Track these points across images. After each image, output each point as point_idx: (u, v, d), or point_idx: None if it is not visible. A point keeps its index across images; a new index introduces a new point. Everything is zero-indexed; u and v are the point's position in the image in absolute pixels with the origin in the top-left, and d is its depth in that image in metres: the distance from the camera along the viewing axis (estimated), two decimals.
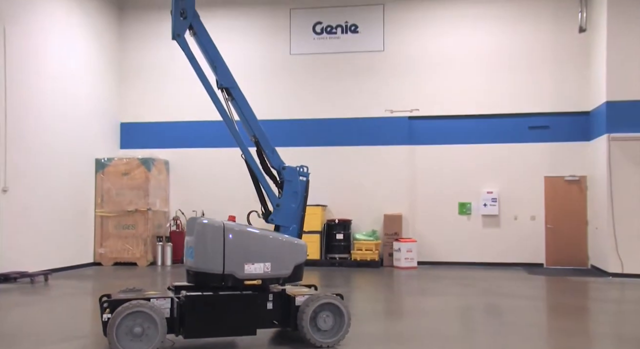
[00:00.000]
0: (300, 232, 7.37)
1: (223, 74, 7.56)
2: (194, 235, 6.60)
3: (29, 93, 12.55)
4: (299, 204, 7.47)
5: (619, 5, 12.45)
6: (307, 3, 15.39)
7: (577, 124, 14.09)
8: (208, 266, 6.43)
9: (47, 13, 13.22)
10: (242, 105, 7.62)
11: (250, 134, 7.62)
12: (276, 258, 6.76)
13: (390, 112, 15.00)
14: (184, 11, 7.52)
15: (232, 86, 7.57)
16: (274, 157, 7.59)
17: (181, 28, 7.52)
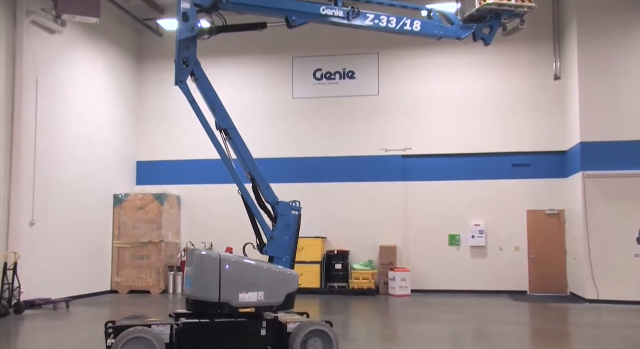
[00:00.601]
0: (292, 262, 7.73)
1: (221, 116, 8.19)
2: (193, 265, 6.91)
3: (56, 135, 13.76)
4: (291, 236, 7.84)
5: (588, 56, 13.63)
6: (308, 52, 16.70)
7: (555, 162, 15.20)
8: (205, 294, 6.72)
9: (74, 63, 14.54)
10: (239, 144, 8.19)
11: (246, 171, 8.15)
12: (269, 287, 7.02)
13: (384, 151, 16.15)
14: (186, 59, 8.20)
15: (230, 127, 8.15)
16: (268, 192, 8.12)
17: (183, 75, 8.17)
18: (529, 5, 8.88)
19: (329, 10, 8.82)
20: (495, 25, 9.09)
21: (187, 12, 8.26)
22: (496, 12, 8.93)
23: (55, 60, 13.80)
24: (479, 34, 9.19)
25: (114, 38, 16.20)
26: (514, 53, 15.63)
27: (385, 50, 16.25)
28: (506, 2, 8.75)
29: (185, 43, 8.27)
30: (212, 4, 8.47)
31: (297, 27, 8.84)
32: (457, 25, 9.15)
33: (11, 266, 11.80)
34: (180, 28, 8.20)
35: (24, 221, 12.54)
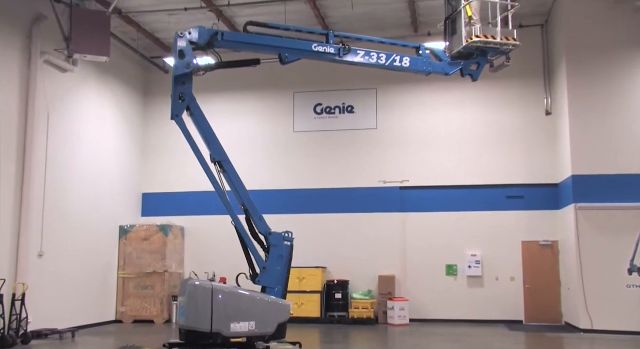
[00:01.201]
0: (284, 292, 7.97)
1: (216, 149, 8.58)
2: (185, 295, 7.13)
3: (65, 168, 14.24)
4: (283, 266, 8.11)
5: (577, 92, 14.09)
6: (308, 87, 17.27)
7: (547, 195, 15.60)
8: (197, 324, 6.92)
9: (83, 100, 15.10)
10: (233, 177, 8.56)
11: (240, 202, 8.50)
12: (261, 317, 7.24)
13: (383, 182, 16.59)
14: (182, 95, 8.66)
15: (224, 160, 8.52)
16: (261, 223, 8.44)
17: (179, 109, 8.62)
18: (514, 43, 9.39)
19: (321, 47, 9.34)
20: (482, 62, 9.57)
21: (183, 49, 8.76)
22: (482, 50, 9.40)
23: (66, 97, 14.37)
24: (467, 70, 9.66)
25: (122, 75, 16.81)
26: (507, 89, 16.17)
27: (383, 85, 16.79)
28: (492, 40, 9.25)
29: (182, 79, 8.72)
30: (207, 41, 8.99)
31: (290, 63, 9.33)
32: (445, 61, 9.65)
33: (19, 297, 12.14)
34: (176, 65, 8.67)
35: (33, 252, 12.94)
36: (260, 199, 16.61)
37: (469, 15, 9.32)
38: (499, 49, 9.39)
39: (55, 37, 13.27)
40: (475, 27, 9.21)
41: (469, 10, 9.35)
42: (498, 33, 9.23)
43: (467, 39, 9.19)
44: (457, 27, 9.51)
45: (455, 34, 9.55)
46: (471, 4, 9.36)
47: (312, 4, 14.87)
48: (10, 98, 12.58)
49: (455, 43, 9.56)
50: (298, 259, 15.88)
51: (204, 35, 8.97)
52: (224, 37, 9.05)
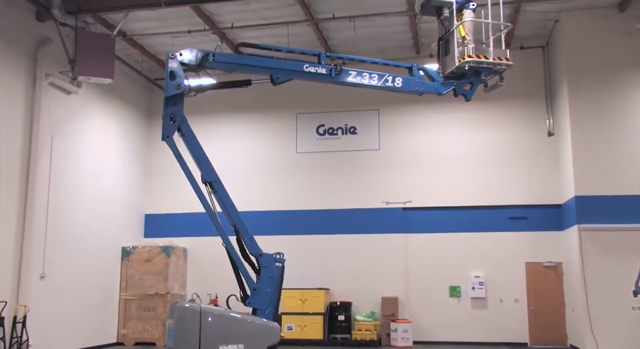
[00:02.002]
0: (275, 314, 7.90)
1: (207, 170, 8.58)
2: (175, 318, 7.09)
3: (68, 190, 14.27)
4: (274, 288, 8.06)
5: (579, 113, 14.15)
6: (311, 108, 17.36)
7: (551, 216, 15.55)
8: (185, 347, 6.87)
9: (88, 121, 15.19)
10: (224, 197, 8.54)
11: (231, 223, 8.50)
12: (250, 340, 7.18)
13: (385, 203, 16.58)
14: (173, 116, 8.72)
15: (215, 180, 8.52)
16: (252, 244, 8.40)
17: (170, 130, 8.67)
18: (507, 63, 9.40)
19: (312, 68, 9.38)
20: (476, 82, 9.57)
21: (174, 70, 8.85)
22: (476, 70, 9.41)
23: (70, 119, 14.46)
24: (460, 90, 9.67)
25: (126, 97, 16.92)
26: (509, 110, 16.23)
27: (386, 107, 16.87)
28: (484, 60, 9.25)
29: (173, 100, 8.79)
30: (198, 63, 9.06)
31: (282, 84, 9.37)
32: (438, 81, 9.66)
33: (20, 319, 12.09)
34: (167, 86, 8.73)
35: (35, 274, 12.91)
36: (264, 220, 16.93)
37: (463, 36, 9.37)
38: (492, 69, 9.40)
39: (60, 60, 13.40)
40: (468, 48, 9.25)
41: (462, 30, 9.40)
42: (491, 53, 9.25)
43: (460, 59, 9.22)
44: (450, 47, 9.54)
45: (449, 54, 9.57)
46: (464, 24, 9.41)
47: (314, 26, 15.03)
48: (15, 120, 12.66)
49: (448, 63, 9.60)
50: (301, 280, 16.12)
51: (195, 56, 9.05)
52: (215, 58, 9.12)
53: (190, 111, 17.20)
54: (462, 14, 9.53)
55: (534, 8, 14.16)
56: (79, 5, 13.10)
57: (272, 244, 16.43)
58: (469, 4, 9.59)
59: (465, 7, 9.57)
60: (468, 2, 9.60)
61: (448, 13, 9.52)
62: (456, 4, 9.46)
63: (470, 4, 9.59)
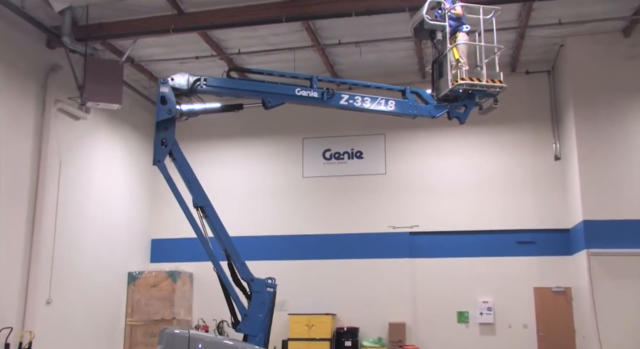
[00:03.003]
0: (267, 341, 7.84)
1: (198, 194, 8.58)
2: (163, 344, 7.07)
3: (75, 215, 14.30)
4: (266, 314, 8.00)
5: (586, 137, 14.13)
6: (318, 133, 17.42)
7: (559, 240, 15.40)
8: None
9: (95, 146, 15.29)
10: (215, 222, 8.53)
11: (222, 248, 8.54)
12: None
13: (392, 228, 16.51)
14: (164, 140, 8.80)
15: (206, 205, 8.52)
16: (243, 269, 8.34)
17: (161, 155, 8.72)
18: (501, 86, 9.40)
19: (304, 91, 9.41)
20: (470, 104, 9.55)
21: (165, 95, 8.93)
22: (469, 92, 9.42)
23: (78, 144, 14.57)
24: (454, 113, 9.65)
25: (133, 122, 17.03)
26: (515, 134, 16.23)
27: (392, 131, 16.90)
28: (478, 83, 9.23)
29: (164, 125, 8.87)
30: (190, 88, 9.14)
31: (273, 108, 9.40)
32: (432, 104, 9.66)
33: (26, 346, 12.01)
34: (158, 110, 8.81)
35: (41, 300, 12.89)
36: (270, 245, 16.93)
37: (456, 58, 9.41)
38: (486, 92, 9.41)
39: (69, 86, 13.56)
40: (462, 70, 9.28)
41: (456, 53, 9.44)
42: (484, 76, 9.27)
43: (453, 81, 9.24)
44: (443, 70, 9.57)
45: (442, 77, 9.61)
46: (458, 47, 9.45)
47: (321, 52, 15.17)
48: (24, 145, 12.77)
49: (442, 86, 9.62)
50: (307, 305, 16.05)
51: (186, 81, 9.14)
52: (206, 83, 9.21)
53: (197, 135, 17.73)
54: (456, 37, 9.58)
55: (539, 33, 14.27)
56: (89, 32, 13.30)
57: (278, 269, 16.46)
58: (462, 27, 9.65)
59: (459, 30, 9.63)
60: (461, 25, 9.67)
61: (441, 36, 9.57)
62: (449, 28, 9.53)
63: (464, 27, 9.66)
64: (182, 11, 13.18)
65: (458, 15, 9.71)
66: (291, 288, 16.14)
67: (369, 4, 12.38)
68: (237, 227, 17.28)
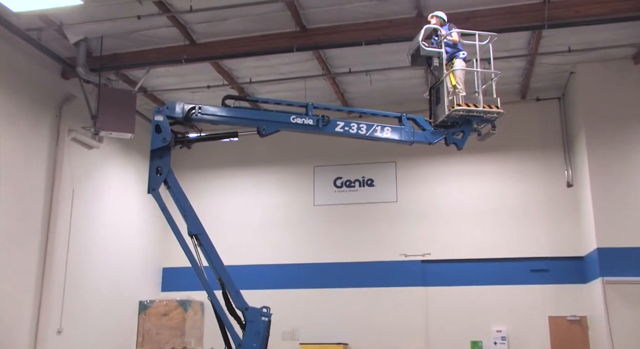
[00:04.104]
0: None
1: (192, 222, 8.64)
2: None
3: (87, 243, 14.36)
4: (260, 343, 7.95)
5: (598, 164, 14.03)
6: (328, 161, 17.44)
7: (573, 268, 15.18)
8: None
9: (108, 175, 15.43)
10: (209, 250, 8.58)
11: (217, 276, 8.62)
12: None
13: (404, 256, 16.38)
14: (159, 168, 8.89)
15: (201, 233, 8.59)
16: (237, 298, 8.37)
17: (156, 183, 8.78)
18: (498, 112, 9.35)
19: (299, 119, 9.45)
20: (467, 130, 9.53)
21: (159, 124, 9.02)
22: (467, 118, 9.39)
23: (90, 173, 14.70)
24: (451, 139, 9.62)
25: (146, 151, 16.68)
26: (526, 161, 16.16)
27: (402, 159, 16.87)
28: (474, 109, 9.18)
29: (159, 153, 8.94)
30: (184, 116, 9.21)
31: (268, 135, 9.42)
32: (429, 131, 9.65)
33: None
34: (153, 139, 8.88)
35: (52, 329, 12.87)
36: (280, 274, 16.87)
37: (453, 85, 9.41)
38: (483, 118, 9.39)
39: (82, 116, 13.74)
40: (459, 96, 9.27)
41: (453, 79, 9.44)
42: (480, 101, 9.25)
43: (450, 107, 9.23)
44: (440, 96, 9.57)
45: (439, 104, 9.61)
46: (455, 73, 9.46)
47: (331, 80, 15.30)
48: (38, 174, 12.91)
49: (439, 113, 9.61)
50: (318, 335, 15.89)
51: (181, 109, 9.22)
52: (201, 111, 9.29)
53: (208, 163, 17.86)
54: (453, 63, 9.60)
55: (549, 60, 14.32)
56: (103, 63, 13.53)
57: (289, 298, 16.51)
58: (458, 53, 9.68)
59: (456, 56, 9.66)
60: (458, 51, 9.71)
61: (438, 63, 9.61)
62: (446, 54, 9.56)
63: (460, 53, 9.69)
64: (194, 41, 13.39)
65: (454, 42, 9.76)
66: (302, 316, 16.05)
67: (379, 33, 12.53)
68: (248, 255, 17.43)
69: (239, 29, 13.01)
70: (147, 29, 12.93)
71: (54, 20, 12.33)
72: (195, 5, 11.73)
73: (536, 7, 11.87)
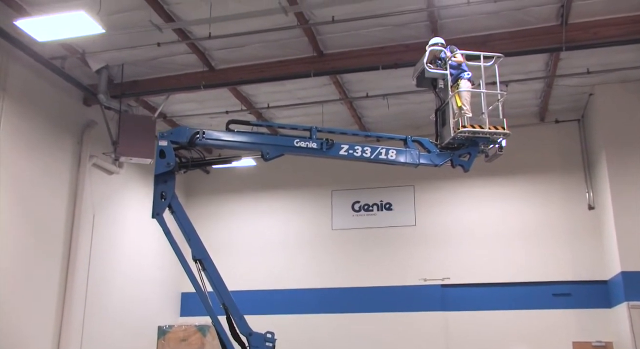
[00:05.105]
0: None
1: (196, 248, 8.58)
2: None
3: (107, 269, 14.45)
4: None
5: (620, 186, 13.85)
6: (346, 185, 17.45)
7: (597, 292, 14.90)
8: None
9: (127, 201, 15.56)
10: (213, 275, 8.50)
11: (220, 301, 8.52)
12: None
13: (424, 280, 16.23)
14: (164, 193, 8.88)
15: (205, 258, 8.53)
16: (242, 323, 8.25)
17: (161, 208, 8.79)
18: (504, 132, 9.19)
19: (303, 142, 9.36)
20: (473, 152, 9.34)
21: (164, 149, 8.99)
22: (473, 140, 9.30)
23: (111, 198, 14.84)
24: (457, 161, 9.46)
25: None
26: (547, 184, 16.01)
27: (421, 182, 16.81)
28: (480, 130, 9.03)
29: (163, 178, 8.93)
30: (188, 141, 9.22)
31: (272, 159, 9.39)
32: (434, 153, 9.53)
33: None
34: (157, 164, 8.88)
35: None
36: (299, 298, 16.77)
37: (459, 106, 9.32)
38: (490, 139, 9.30)
39: (103, 142, 13.93)
40: (464, 118, 9.20)
41: (459, 100, 9.34)
42: (486, 122, 9.17)
43: (455, 129, 9.15)
44: (446, 118, 9.48)
45: (446, 125, 9.54)
46: (461, 94, 9.38)
47: (348, 104, 15.36)
48: (59, 200, 13.06)
49: (445, 134, 9.52)
50: None
51: (185, 134, 9.25)
52: (205, 136, 9.30)
53: (227, 188, 17.96)
54: (458, 85, 9.56)
55: (567, 82, 14.24)
56: (123, 89, 13.75)
57: (307, 323, 16.41)
58: (463, 74, 9.63)
59: (461, 77, 9.61)
60: (462, 72, 9.65)
61: (443, 84, 9.58)
62: (451, 76, 9.53)
63: (465, 74, 9.63)
64: (213, 68, 13.57)
65: (459, 63, 9.72)
66: (321, 342, 15.91)
67: (395, 57, 12.59)
68: (266, 280, 17.37)
69: (256, 55, 13.17)
70: (166, 55, 13.15)
71: (77, 48, 12.59)
72: (214, 32, 11.92)
73: (553, 30, 11.87)
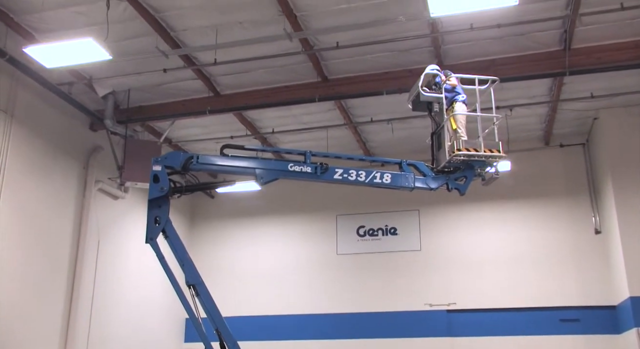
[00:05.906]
0: None
1: (190, 273, 8.52)
2: None
3: (111, 293, 14.38)
4: None
5: (626, 210, 13.78)
6: (351, 210, 17.41)
7: (605, 318, 14.71)
8: None
9: (132, 225, 15.45)
10: (207, 300, 8.42)
11: (214, 327, 8.42)
12: None
13: (429, 306, 16.08)
14: (158, 218, 8.86)
15: (198, 283, 8.46)
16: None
17: (154, 233, 8.72)
18: (500, 155, 9.16)
19: (297, 167, 9.34)
20: (469, 175, 9.30)
21: (157, 174, 8.98)
22: (468, 163, 9.27)
23: (116, 223, 14.84)
24: (453, 184, 9.42)
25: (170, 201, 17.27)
26: (553, 208, 15.94)
27: (426, 207, 16.76)
28: (475, 153, 9.00)
29: (157, 203, 8.91)
30: (182, 166, 9.22)
31: (267, 184, 9.36)
32: (430, 176, 9.49)
33: None
34: (151, 189, 8.87)
35: None
36: (304, 324, 16.62)
37: (454, 129, 9.33)
38: (485, 162, 9.28)
39: (109, 167, 14.00)
40: (459, 141, 9.19)
41: (454, 123, 9.35)
42: (481, 145, 9.16)
43: (450, 152, 9.15)
44: (442, 141, 9.45)
45: (441, 149, 9.53)
46: (456, 117, 9.39)
47: (353, 129, 15.42)
48: (65, 224, 13.09)
49: (441, 157, 9.51)
50: None
51: (179, 159, 9.26)
52: (199, 161, 9.31)
53: (230, 213, 17.91)
54: (453, 108, 9.57)
55: (571, 107, 14.28)
56: (129, 115, 13.86)
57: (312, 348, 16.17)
58: (458, 97, 9.66)
59: (455, 100, 9.64)
60: (457, 95, 9.68)
61: (438, 108, 9.59)
62: (445, 99, 9.56)
63: (460, 97, 9.66)
64: (218, 93, 13.67)
65: (453, 86, 9.76)
66: None
67: (399, 82, 12.66)
68: (270, 305, 17.25)
69: (261, 80, 13.29)
70: (172, 81, 13.27)
71: (84, 74, 12.73)
72: (219, 58, 12.03)
73: (557, 55, 11.95)
